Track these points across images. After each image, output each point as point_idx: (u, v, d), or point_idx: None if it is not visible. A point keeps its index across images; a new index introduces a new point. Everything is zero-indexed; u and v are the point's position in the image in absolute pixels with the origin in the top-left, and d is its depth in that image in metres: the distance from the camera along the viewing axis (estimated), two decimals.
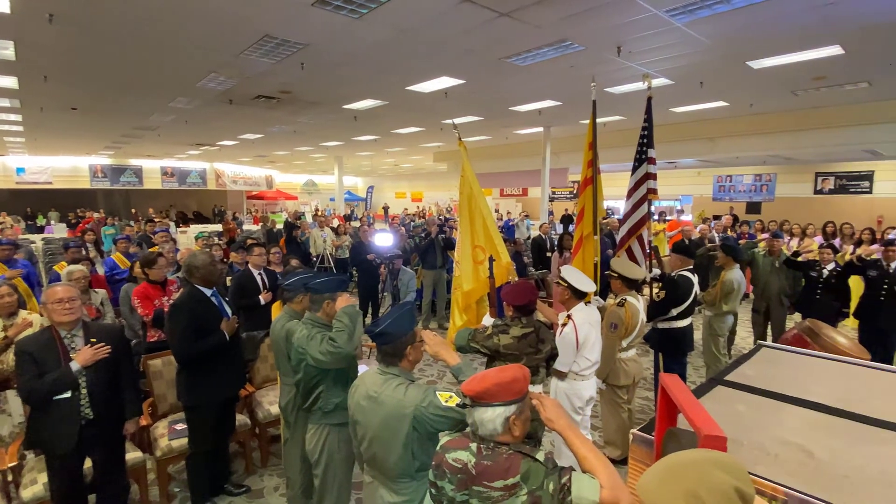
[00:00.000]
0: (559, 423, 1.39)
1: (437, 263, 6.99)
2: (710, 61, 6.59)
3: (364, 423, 1.80)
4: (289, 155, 19.98)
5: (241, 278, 4.44)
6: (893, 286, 4.84)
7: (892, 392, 2.44)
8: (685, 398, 1.64)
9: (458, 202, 4.01)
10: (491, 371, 1.41)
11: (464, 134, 13.73)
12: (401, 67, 6.89)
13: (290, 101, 9.15)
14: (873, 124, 9.77)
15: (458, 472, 1.36)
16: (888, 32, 5.43)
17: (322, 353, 2.18)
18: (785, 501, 1.61)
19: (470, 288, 3.86)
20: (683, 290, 4.02)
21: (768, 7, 4.69)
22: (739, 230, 10.06)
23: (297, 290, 2.70)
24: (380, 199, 30.83)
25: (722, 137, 11.99)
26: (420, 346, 1.90)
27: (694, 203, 18.60)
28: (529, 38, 5.64)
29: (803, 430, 2.05)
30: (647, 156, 4.19)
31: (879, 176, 14.92)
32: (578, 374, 3.12)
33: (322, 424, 2.39)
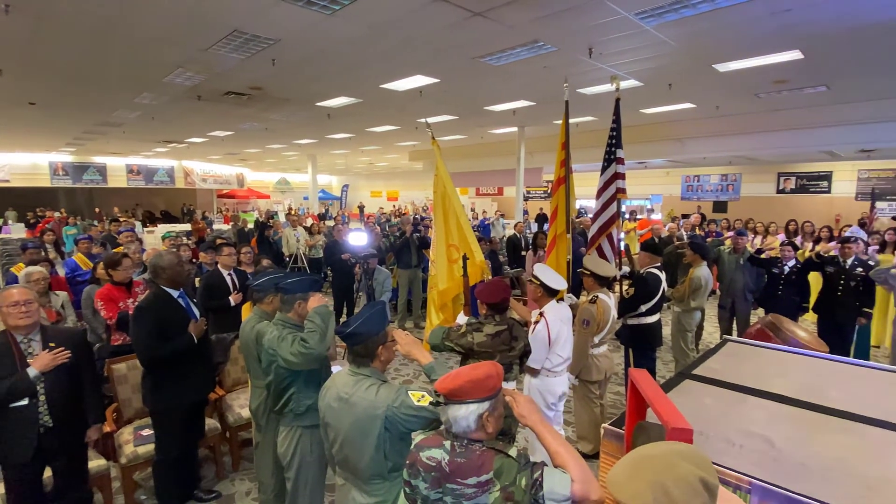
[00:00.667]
0: (531, 419, 1.41)
1: (413, 262, 6.97)
2: (677, 64, 6.76)
3: (335, 424, 1.78)
4: (260, 153, 19.60)
5: (210, 279, 4.33)
6: (850, 282, 5.06)
7: (848, 383, 2.55)
8: (653, 392, 1.68)
9: (433, 201, 4.00)
10: (464, 369, 1.41)
11: (439, 133, 13.83)
12: (374, 65, 6.84)
13: (262, 97, 8.97)
14: (831, 126, 10.20)
15: (431, 471, 1.36)
16: (843, 38, 5.67)
17: (293, 354, 2.15)
18: (749, 490, 1.67)
19: (445, 287, 3.86)
20: (652, 287, 4.12)
21: (731, 12, 4.84)
22: (707, 228, 10.38)
23: (267, 290, 2.65)
24: (355, 198, 30.52)
25: (690, 138, 12.33)
26: (392, 346, 1.89)
27: (663, 202, 19.06)
28: (503, 38, 5.67)
29: (766, 421, 2.12)
30: (615, 156, 4.27)
31: (837, 176, 15.60)
32: (551, 370, 3.16)
33: (294, 427, 2.36)
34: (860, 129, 9.99)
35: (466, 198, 25.51)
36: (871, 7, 4.81)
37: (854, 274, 5.05)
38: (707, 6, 4.68)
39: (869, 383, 2.55)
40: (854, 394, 2.39)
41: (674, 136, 12.39)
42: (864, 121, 9.76)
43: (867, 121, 9.73)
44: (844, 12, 4.94)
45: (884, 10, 4.88)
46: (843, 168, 15.35)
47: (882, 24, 5.22)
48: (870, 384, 2.54)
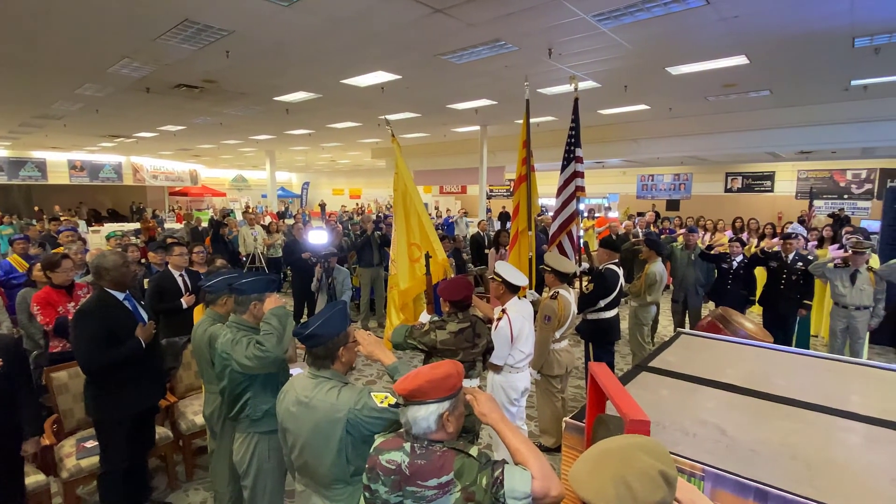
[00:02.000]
0: (492, 417, 1.40)
1: (374, 261, 6.88)
2: (632, 66, 6.96)
3: (294, 430, 1.72)
4: (215, 148, 18.87)
5: (160, 280, 4.12)
6: (791, 275, 5.36)
7: (791, 371, 2.69)
8: (612, 385, 1.71)
9: (393, 199, 3.95)
10: (423, 368, 1.39)
11: (402, 131, 13.73)
12: (334, 60, 6.70)
13: (215, 91, 8.62)
14: (774, 129, 10.78)
15: (391, 474, 1.34)
16: (785, 46, 6.00)
17: (249, 357, 2.06)
18: (702, 477, 1.73)
19: (406, 286, 3.82)
20: (610, 283, 4.23)
21: (683, 17, 5.02)
22: (661, 226, 10.77)
23: (220, 291, 2.53)
24: (316, 196, 29.90)
25: (644, 139, 12.75)
26: (354, 347, 1.84)
27: (620, 200, 19.67)
28: (464, 35, 5.67)
29: (718, 409, 2.21)
30: (574, 155, 4.35)
31: (779, 176, 16.53)
32: (513, 366, 3.18)
33: (250, 433, 2.27)
34: (799, 132, 10.61)
35: (430, 196, 25.48)
36: (811, 17, 5.10)
37: (795, 268, 5.35)
38: (660, 10, 4.84)
39: (809, 371, 2.71)
40: (797, 381, 2.52)
41: (630, 136, 12.78)
42: (803, 124, 10.37)
43: (806, 124, 10.34)
44: (787, 21, 5.22)
45: (822, 21, 5.18)
46: (785, 169, 16.28)
47: (820, 33, 5.55)
48: (810, 372, 2.70)
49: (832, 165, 15.24)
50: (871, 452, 1.83)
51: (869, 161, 14.57)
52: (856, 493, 1.56)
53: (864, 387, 2.48)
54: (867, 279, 4.91)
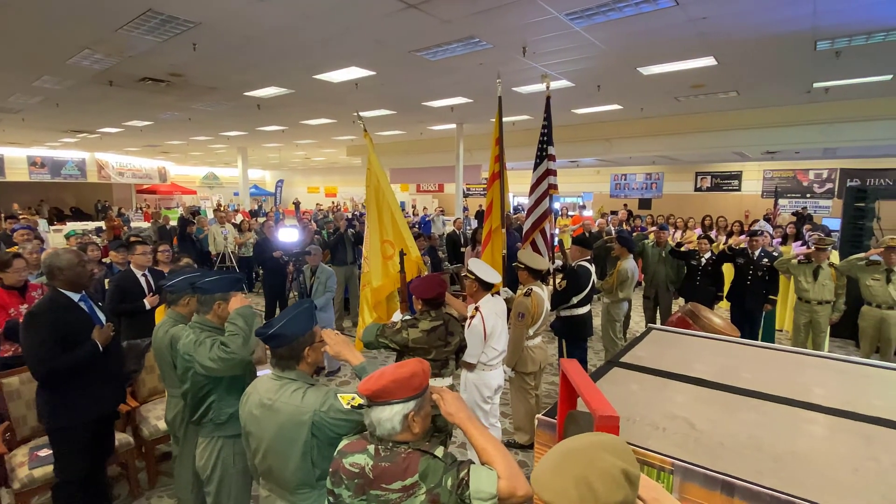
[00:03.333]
0: (459, 417, 1.37)
1: (348, 259, 6.79)
2: (605, 66, 7.04)
3: (258, 433, 1.66)
4: (184, 145, 18.35)
5: (122, 280, 3.95)
6: (757, 272, 5.51)
7: (757, 364, 2.74)
8: (582, 381, 1.70)
9: (365, 196, 3.88)
10: (388, 368, 1.35)
11: (377, 128, 13.59)
12: (307, 54, 6.57)
13: (183, 85, 8.36)
14: (741, 129, 11.09)
15: (355, 477, 1.30)
16: (750, 47, 6.16)
17: (213, 359, 1.98)
18: (672, 471, 1.74)
19: (379, 284, 3.76)
20: (583, 279, 4.26)
21: (653, 17, 5.09)
22: (633, 224, 10.96)
23: (182, 290, 2.43)
24: (291, 194, 29.42)
25: (617, 138, 12.94)
26: (320, 347, 1.78)
27: (594, 199, 19.93)
28: (438, 32, 5.63)
29: (687, 403, 2.23)
30: (547, 153, 4.36)
31: (746, 176, 17.03)
32: (487, 364, 3.17)
33: (214, 437, 2.18)
34: (765, 133, 10.94)
35: (407, 194, 25.36)
36: (776, 20, 5.24)
37: (761, 264, 5.51)
38: (631, 10, 4.90)
39: (774, 364, 2.77)
40: (762, 374, 2.57)
41: (603, 136, 12.96)
42: (768, 125, 10.69)
43: (771, 125, 10.67)
44: (753, 23, 5.35)
45: (785, 24, 5.33)
46: (752, 168, 16.78)
47: (783, 36, 5.71)
48: (775, 365, 2.76)
49: (796, 165, 15.78)
50: (833, 443, 1.87)
51: (830, 161, 15.14)
52: (818, 482, 1.59)
53: (826, 379, 2.55)
54: (828, 275, 5.08)
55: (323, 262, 7.20)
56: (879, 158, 13.87)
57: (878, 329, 4.80)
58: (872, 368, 2.71)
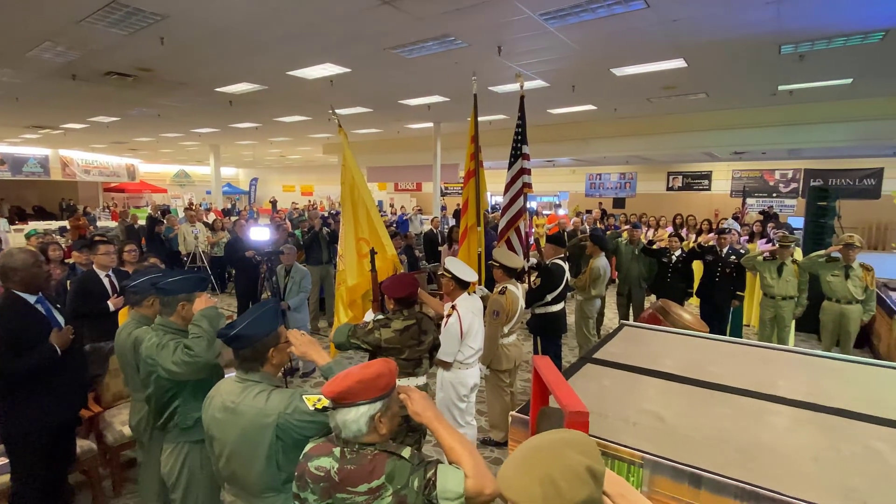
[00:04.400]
0: (426, 416, 1.36)
1: (323, 259, 6.70)
2: (579, 66, 7.12)
3: (221, 437, 1.61)
4: (154, 142, 17.82)
5: (84, 281, 3.81)
6: (725, 269, 5.66)
7: (725, 359, 2.81)
8: (553, 378, 1.71)
9: (341, 193, 3.83)
10: (353, 368, 1.33)
11: (354, 126, 13.45)
12: (279, 50, 6.45)
13: (151, 80, 8.11)
14: (710, 130, 11.39)
15: (320, 481, 1.27)
16: (718, 50, 6.31)
17: (176, 363, 1.92)
18: (642, 465, 1.76)
19: (355, 282, 3.72)
20: (556, 277, 4.31)
21: (625, 19, 5.17)
22: (607, 223, 11.14)
23: (145, 291, 2.35)
24: (266, 193, 28.90)
25: (592, 139, 13.13)
26: (286, 348, 1.74)
27: (570, 199, 20.19)
28: (413, 29, 5.60)
29: (657, 398, 2.27)
30: (521, 152, 4.39)
31: (716, 176, 17.50)
32: (463, 362, 3.16)
33: (180, 442, 2.11)
34: (733, 134, 11.25)
35: (385, 193, 25.20)
36: (742, 24, 5.38)
37: (729, 261, 5.66)
38: (604, 11, 4.96)
39: (741, 358, 2.83)
40: (730, 368, 2.63)
41: (578, 136, 13.13)
42: (736, 126, 11.01)
43: (739, 126, 10.99)
44: (720, 26, 5.48)
45: (751, 27, 5.48)
46: (721, 168, 17.25)
47: (749, 39, 5.88)
48: (742, 359, 2.82)
49: (762, 166, 16.29)
50: (796, 434, 1.92)
51: (795, 162, 15.68)
52: (781, 472, 1.63)
53: (790, 372, 2.62)
54: (792, 271, 5.25)
55: (298, 261, 7.10)
56: (841, 159, 14.44)
57: (838, 323, 4.98)
58: (833, 361, 2.81)
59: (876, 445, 1.82)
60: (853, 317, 4.88)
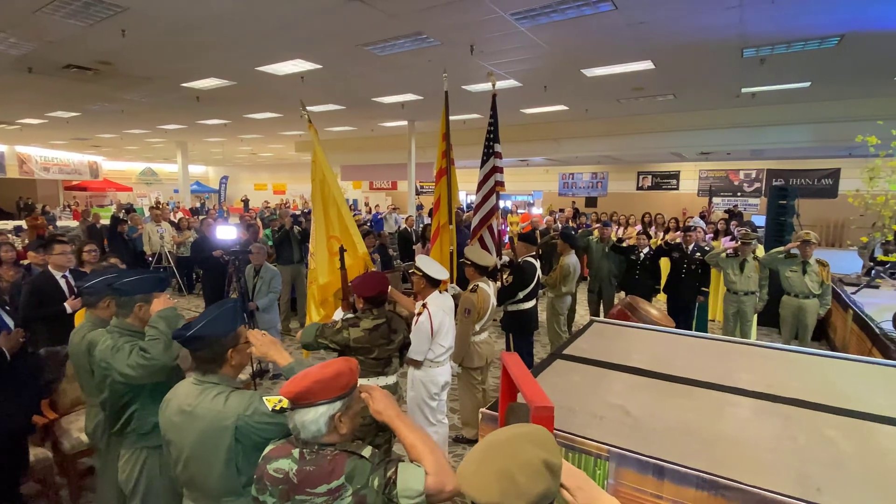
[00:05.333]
0: (387, 414, 1.35)
1: (295, 258, 6.59)
2: (551, 67, 7.20)
3: (178, 441, 1.56)
4: (118, 139, 17.21)
5: (38, 283, 3.64)
6: (691, 265, 5.82)
7: (690, 353, 2.88)
8: (520, 374, 1.71)
9: (311, 190, 3.76)
10: (313, 368, 1.31)
11: (327, 123, 13.27)
12: (248, 45, 6.30)
13: (112, 74, 7.82)
14: (678, 131, 11.68)
15: (279, 483, 1.25)
16: (684, 53, 6.48)
17: (131, 366, 1.84)
18: (608, 458, 1.79)
19: (326, 281, 3.66)
20: (528, 275, 4.34)
21: (594, 20, 5.24)
22: (579, 221, 11.32)
23: (100, 292, 2.25)
24: (237, 191, 28.27)
25: (564, 139, 13.31)
26: (246, 349, 1.69)
27: (544, 198, 20.46)
28: (385, 27, 5.56)
29: (624, 392, 2.30)
30: (493, 150, 4.40)
31: (684, 175, 17.98)
32: (434, 361, 3.15)
33: (138, 448, 2.03)
34: (699, 135, 11.58)
35: (360, 192, 24.98)
36: (706, 28, 5.53)
37: (694, 258, 5.81)
38: (573, 12, 5.02)
39: (706, 352, 2.91)
40: (695, 362, 2.70)
41: (551, 136, 13.28)
42: (702, 127, 11.33)
43: (705, 127, 11.31)
44: (686, 30, 5.62)
45: (715, 31, 5.64)
46: (688, 168, 17.73)
47: (714, 43, 6.04)
48: (706, 353, 2.90)
49: (727, 166, 16.81)
50: (755, 425, 1.98)
51: (758, 162, 16.23)
52: (740, 462, 1.68)
53: (751, 364, 2.71)
54: (753, 267, 5.43)
55: (268, 261, 6.96)
56: (801, 160, 15.02)
57: (796, 317, 5.17)
58: (792, 353, 2.92)
59: (828, 433, 1.89)
60: (810, 310, 5.08)
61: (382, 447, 2.57)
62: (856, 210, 7.45)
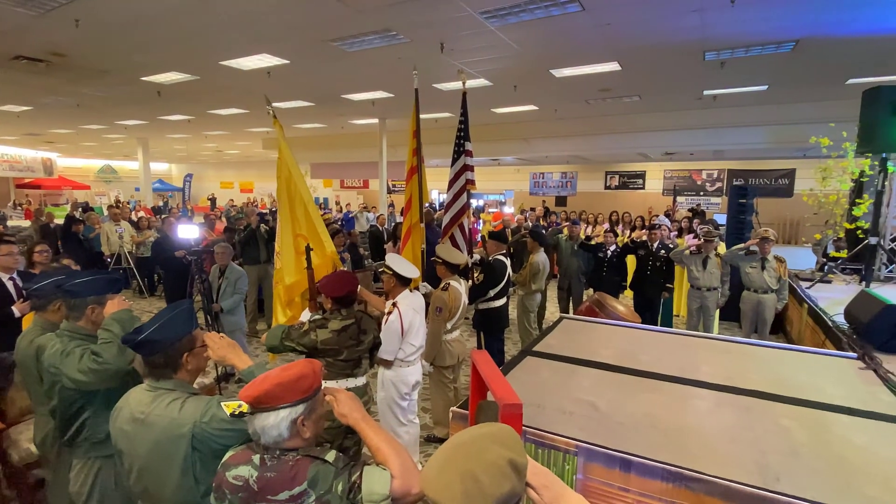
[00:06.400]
0: (352, 417, 1.32)
1: (261, 258, 6.43)
2: (520, 66, 7.25)
3: (130, 451, 1.48)
4: (74, 134, 16.44)
5: None
6: (656, 262, 5.97)
7: (655, 347, 2.94)
8: (489, 371, 1.71)
9: (277, 187, 3.67)
10: (273, 371, 1.26)
11: (295, 120, 13.03)
12: (210, 39, 6.11)
13: (66, 66, 7.46)
14: (643, 132, 11.97)
15: (238, 491, 1.20)
16: (649, 55, 6.63)
17: (82, 371, 1.74)
18: (576, 453, 1.80)
19: (293, 281, 3.58)
20: (499, 273, 4.36)
21: (561, 21, 5.30)
22: (549, 220, 11.47)
23: (49, 294, 2.13)
24: (202, 190, 27.43)
25: (534, 138, 13.46)
26: (202, 353, 1.62)
27: (515, 197, 20.68)
28: (354, 22, 5.48)
29: (592, 387, 2.33)
30: (464, 148, 4.40)
31: (649, 175, 18.45)
32: (404, 360, 3.13)
33: (91, 458, 1.93)
34: (664, 135, 11.90)
35: (331, 190, 24.63)
36: (670, 30, 5.68)
37: (659, 256, 5.96)
38: (541, 13, 5.06)
39: (670, 347, 2.98)
40: (660, 356, 2.76)
41: (521, 135, 13.41)
42: (667, 128, 11.64)
43: (669, 128, 11.62)
44: (650, 32, 5.76)
45: (678, 34, 5.80)
46: (654, 168, 18.21)
47: (677, 46, 6.21)
48: (671, 347, 2.97)
49: (691, 166, 17.33)
50: (716, 416, 2.04)
51: (719, 163, 16.80)
52: (702, 453, 1.72)
53: (713, 358, 2.79)
54: (715, 264, 5.61)
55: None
56: (759, 160, 15.63)
57: (755, 311, 5.37)
58: (751, 347, 3.02)
59: (785, 423, 1.96)
60: (769, 305, 5.28)
61: (352, 450, 2.53)
62: (810, 209, 7.81)
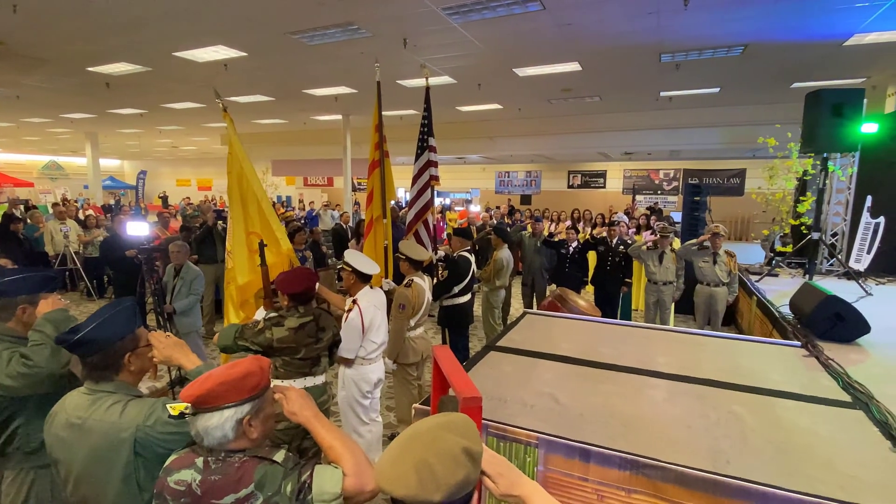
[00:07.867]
0: (303, 415, 1.27)
1: (218, 257, 6.19)
2: (484, 65, 7.28)
3: (66, 459, 1.38)
4: (14, 128, 15.43)
5: None
6: (615, 258, 6.12)
7: (615, 340, 3.00)
8: (450, 366, 1.68)
9: (228, 183, 3.52)
10: (217, 370, 1.20)
11: (254, 115, 12.65)
12: (162, 28, 5.83)
13: (4, 55, 6.96)
14: (603, 132, 12.27)
15: (181, 497, 1.14)
16: (608, 55, 6.78)
17: (10, 375, 1.61)
18: (537, 445, 1.81)
19: (246, 280, 3.45)
20: (463, 269, 4.36)
21: (523, 19, 5.35)
22: (514, 218, 11.60)
23: None
24: (157, 187, 26.27)
25: (499, 137, 13.57)
26: (146, 353, 1.53)
27: (481, 195, 20.84)
28: (314, 14, 5.35)
29: (553, 380, 2.35)
30: (428, 144, 4.37)
31: (610, 175, 18.96)
32: (365, 358, 3.07)
33: (24, 468, 1.79)
34: (623, 136, 12.23)
35: (294, 188, 24.09)
36: (627, 32, 5.82)
37: (618, 251, 6.12)
38: (503, 10, 5.09)
39: (629, 339, 3.05)
40: (619, 349, 2.82)
41: (486, 134, 13.49)
42: (626, 129, 11.96)
43: (628, 129, 11.95)
44: (608, 33, 5.88)
45: (635, 36, 5.95)
46: (614, 168, 18.71)
47: (634, 47, 6.38)
48: (629, 340, 3.04)
49: (649, 165, 17.92)
50: (672, 404, 2.09)
51: (675, 163, 17.44)
52: (658, 441, 1.76)
53: (668, 349, 2.87)
54: (671, 259, 5.80)
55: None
56: (712, 160, 16.30)
57: (708, 304, 5.59)
58: (704, 338, 3.13)
59: (736, 410, 2.03)
60: (721, 298, 5.50)
61: (311, 451, 2.46)
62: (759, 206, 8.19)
